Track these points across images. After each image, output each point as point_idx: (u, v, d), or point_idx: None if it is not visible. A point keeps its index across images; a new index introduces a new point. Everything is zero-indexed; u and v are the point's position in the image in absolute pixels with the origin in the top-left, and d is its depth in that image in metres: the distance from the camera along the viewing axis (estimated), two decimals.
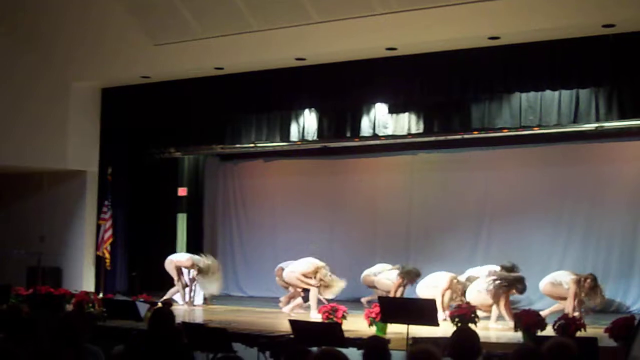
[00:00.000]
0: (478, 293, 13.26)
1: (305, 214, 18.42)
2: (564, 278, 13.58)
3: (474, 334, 5.97)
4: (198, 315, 14.96)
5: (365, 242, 17.14)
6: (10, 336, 6.88)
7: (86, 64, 16.98)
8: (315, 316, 13.49)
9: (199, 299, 16.56)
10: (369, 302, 15.00)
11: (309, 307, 14.68)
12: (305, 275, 14.74)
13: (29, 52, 16.86)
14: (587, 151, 15.96)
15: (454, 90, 14.60)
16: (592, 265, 15.19)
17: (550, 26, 12.85)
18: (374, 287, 15.62)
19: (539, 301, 14.47)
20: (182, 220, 19.78)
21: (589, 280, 13.38)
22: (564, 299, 13.43)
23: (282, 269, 15.60)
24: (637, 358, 8.42)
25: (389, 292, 14.92)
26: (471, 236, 16.61)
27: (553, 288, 13.70)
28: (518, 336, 11.14)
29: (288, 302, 15.23)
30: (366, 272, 15.85)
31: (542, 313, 11.62)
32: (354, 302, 15.21)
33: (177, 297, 16.24)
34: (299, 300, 15.08)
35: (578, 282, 13.35)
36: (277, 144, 17.10)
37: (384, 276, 15.44)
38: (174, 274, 16.28)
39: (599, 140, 15.55)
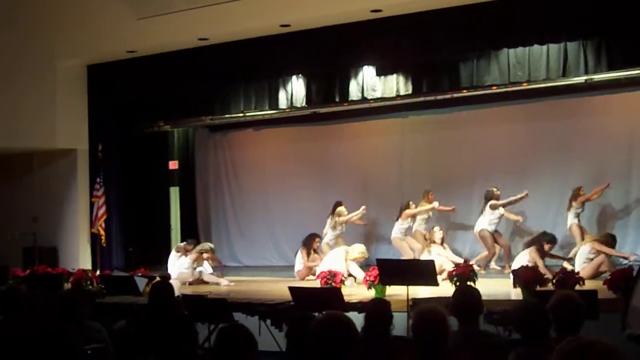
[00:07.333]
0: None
1: (297, 180, 18.39)
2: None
3: (476, 292, 5.98)
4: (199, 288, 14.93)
5: (357, 206, 17.04)
6: (8, 317, 6.86)
7: (70, 42, 16.88)
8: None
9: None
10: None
11: None
12: None
13: (10, 32, 16.71)
14: (577, 105, 15.94)
15: (441, 50, 14.54)
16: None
17: None
18: None
19: None
20: (174, 193, 19.77)
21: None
22: None
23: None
24: (637, 308, 8.46)
25: None
26: (465, 196, 16.57)
27: None
28: (517, 292, 11.19)
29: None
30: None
31: None
32: None
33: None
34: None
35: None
36: (266, 112, 17.02)
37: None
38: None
39: (588, 93, 15.53)
